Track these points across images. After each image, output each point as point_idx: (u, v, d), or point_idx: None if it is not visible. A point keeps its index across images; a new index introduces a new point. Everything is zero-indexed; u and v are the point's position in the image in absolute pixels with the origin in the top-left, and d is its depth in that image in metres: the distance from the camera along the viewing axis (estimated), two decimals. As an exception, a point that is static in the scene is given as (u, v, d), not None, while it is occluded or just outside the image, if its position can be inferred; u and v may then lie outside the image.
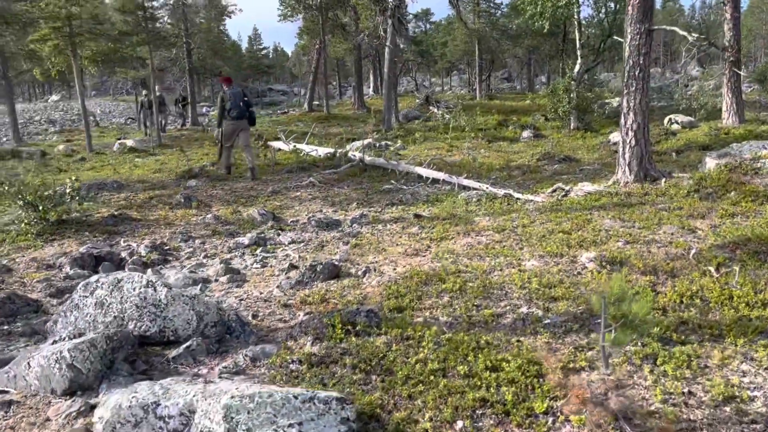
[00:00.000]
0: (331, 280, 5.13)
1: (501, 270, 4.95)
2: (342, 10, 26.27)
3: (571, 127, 17.05)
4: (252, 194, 9.79)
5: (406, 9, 18.74)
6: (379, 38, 18.67)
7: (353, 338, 3.62)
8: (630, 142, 8.14)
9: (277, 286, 5.03)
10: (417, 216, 7.48)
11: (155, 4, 22.91)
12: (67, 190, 7.78)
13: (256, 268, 5.89)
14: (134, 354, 3.49)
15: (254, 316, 4.32)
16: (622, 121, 8.22)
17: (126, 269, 5.96)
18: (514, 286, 4.48)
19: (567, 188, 8.28)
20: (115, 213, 8.35)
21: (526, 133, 16.63)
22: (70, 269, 5.82)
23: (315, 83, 29.30)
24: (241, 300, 4.75)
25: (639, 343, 3.36)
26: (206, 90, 68.58)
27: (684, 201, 7.04)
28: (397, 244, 6.28)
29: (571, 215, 6.74)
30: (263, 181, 10.95)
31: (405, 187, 9.77)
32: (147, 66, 28.62)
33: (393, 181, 10.12)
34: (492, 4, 32.99)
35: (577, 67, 17.46)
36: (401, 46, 21.40)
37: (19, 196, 7.47)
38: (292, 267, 5.69)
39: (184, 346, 3.54)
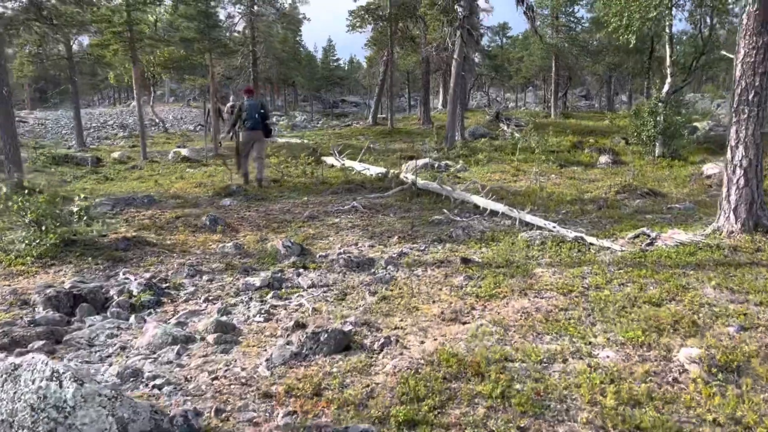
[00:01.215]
0: (337, 353, 3.97)
1: (564, 361, 3.64)
2: (412, 21, 25.28)
3: (656, 154, 15.23)
4: (287, 218, 8.80)
5: (477, 20, 17.50)
6: (447, 50, 17.49)
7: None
8: (738, 181, 6.56)
9: (266, 360, 3.91)
10: (465, 261, 6.21)
11: (222, 11, 22.75)
12: (74, 209, 7.00)
13: (258, 322, 4.81)
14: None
15: (217, 413, 3.20)
16: (729, 155, 6.66)
17: (108, 313, 5.03)
18: (580, 398, 3.17)
19: (653, 234, 6.77)
20: (130, 235, 7.54)
21: (603, 159, 14.96)
22: (43, 310, 4.94)
23: (381, 96, 28.41)
24: (214, 380, 3.65)
25: None
26: (280, 99, 69.57)
27: (813, 264, 5.45)
28: (433, 300, 5.05)
29: (659, 275, 5.29)
30: (303, 203, 9.96)
31: (458, 218, 8.50)
32: (217, 75, 28.69)
33: (445, 210, 8.87)
34: (572, 19, 31.15)
35: (666, 86, 15.64)
36: (474, 58, 20.18)
37: (22, 213, 6.76)
38: (298, 326, 4.56)
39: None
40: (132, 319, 4.87)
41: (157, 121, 34.52)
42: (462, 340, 4.08)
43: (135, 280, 5.84)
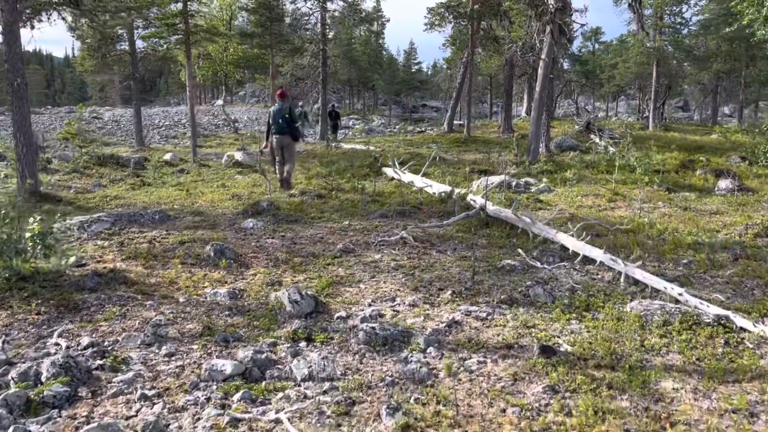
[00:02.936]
0: None
1: None
2: (495, 19, 22.97)
3: (793, 180, 12.26)
4: (315, 250, 6.91)
5: (570, 17, 15.05)
6: (534, 50, 15.14)
7: None
8: None
9: None
10: (545, 351, 4.07)
11: (290, 6, 21.39)
12: (28, 236, 5.40)
13: (194, 459, 2.92)
14: None
15: None
16: None
17: (-15, 415, 3.29)
18: None
19: None
20: (109, 268, 5.90)
21: (723, 183, 12.16)
22: None
23: (458, 100, 26.23)
24: None
25: None
26: (359, 103, 68.57)
27: None
28: (490, 438, 2.99)
29: None
30: (342, 229, 8.05)
31: (538, 264, 6.32)
32: (285, 74, 27.51)
33: (521, 252, 6.71)
34: (679, 19, 27.72)
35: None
36: (563, 63, 17.71)
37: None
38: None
39: None
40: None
41: (229, 121, 33.94)
42: None
43: (63, 349, 4.12)
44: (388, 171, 13.19)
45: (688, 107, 63.20)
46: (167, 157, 17.03)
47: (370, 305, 5.21)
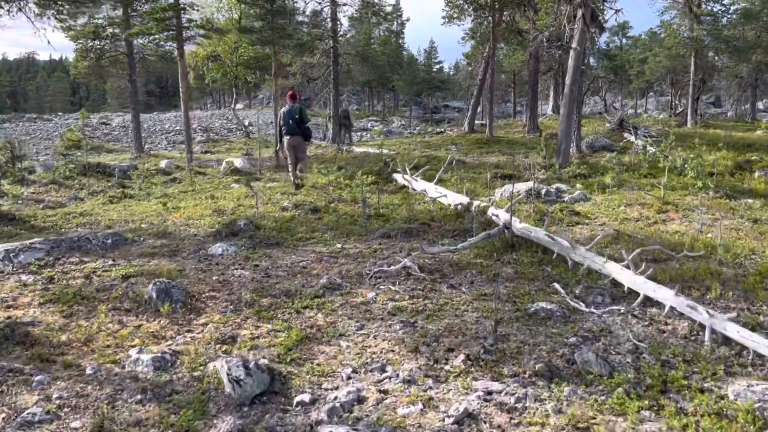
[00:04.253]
0: None
1: None
2: (519, 9, 21.24)
3: None
4: (292, 286, 5.38)
5: (602, 1, 13.28)
6: (562, 39, 13.46)
7: None
8: None
9: None
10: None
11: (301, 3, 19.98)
12: None
13: None
14: None
15: None
16: None
17: None
18: None
19: None
20: (7, 317, 4.46)
21: (792, 187, 10.35)
22: None
23: (479, 99, 24.56)
24: None
25: None
26: (379, 104, 67.07)
27: None
28: None
29: None
30: (333, 254, 6.51)
31: (582, 307, 4.72)
32: (295, 75, 26.12)
33: (558, 286, 5.11)
34: (719, 6, 25.62)
35: None
36: (589, 54, 15.98)
37: None
38: None
39: None
40: None
41: (241, 125, 32.73)
42: None
43: None
44: (399, 177, 11.65)
45: (720, 103, 60.55)
46: (162, 164, 15.71)
47: (349, 379, 3.68)
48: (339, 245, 6.76)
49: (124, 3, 16.56)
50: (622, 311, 4.68)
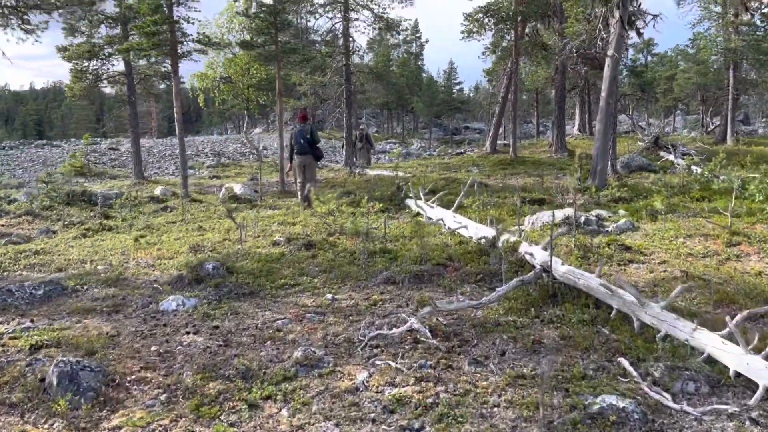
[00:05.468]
0: None
1: None
2: (543, 21, 19.83)
3: None
4: (256, 361, 3.93)
5: (637, 1, 11.69)
6: (595, 47, 11.97)
7: None
8: None
9: None
10: None
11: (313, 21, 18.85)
12: None
13: None
14: None
15: None
16: None
17: None
18: None
19: None
20: None
21: None
22: None
23: (502, 117, 23.08)
24: None
25: None
26: (399, 126, 66.02)
27: None
28: None
29: None
30: (319, 309, 5.03)
31: (670, 402, 3.19)
32: (306, 96, 24.99)
33: (626, 364, 3.59)
34: (758, 16, 23.91)
35: None
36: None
37: None
38: None
39: None
40: None
41: (253, 148, 31.70)
42: None
43: None
44: (413, 204, 10.20)
45: (748, 121, 58.38)
46: (157, 191, 14.46)
47: None
48: (329, 296, 5.27)
49: (121, 20, 15.54)
50: (729, 410, 3.13)
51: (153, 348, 4.18)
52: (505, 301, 4.91)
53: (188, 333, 4.48)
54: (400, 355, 4.00)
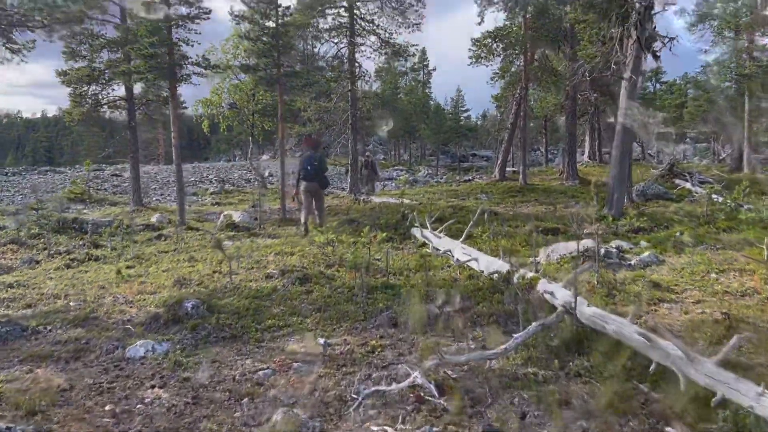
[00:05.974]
0: None
1: None
2: (553, 47, 19.41)
3: None
4: (230, 427, 3.28)
5: (652, 22, 11.13)
6: (609, 69, 11.43)
7: None
8: None
9: None
10: None
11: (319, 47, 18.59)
12: None
13: None
14: None
15: None
16: None
17: None
18: None
19: None
20: None
21: None
22: None
23: (511, 144, 22.56)
24: None
25: None
26: (406, 153, 65.73)
27: None
28: None
29: None
30: (309, 358, 4.38)
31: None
32: (311, 121, 24.61)
33: (672, 413, 2.90)
34: (772, 41, 23.45)
35: None
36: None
37: None
38: None
39: None
40: None
41: (258, 174, 31.33)
42: None
43: None
44: (419, 233, 9.57)
45: (758, 149, 57.74)
46: (154, 218, 13.92)
47: None
48: (321, 340, 4.61)
49: (122, 44, 15.19)
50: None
51: (108, 407, 3.54)
52: (523, 349, 4.24)
53: (153, 387, 3.83)
54: (400, 418, 3.34)
